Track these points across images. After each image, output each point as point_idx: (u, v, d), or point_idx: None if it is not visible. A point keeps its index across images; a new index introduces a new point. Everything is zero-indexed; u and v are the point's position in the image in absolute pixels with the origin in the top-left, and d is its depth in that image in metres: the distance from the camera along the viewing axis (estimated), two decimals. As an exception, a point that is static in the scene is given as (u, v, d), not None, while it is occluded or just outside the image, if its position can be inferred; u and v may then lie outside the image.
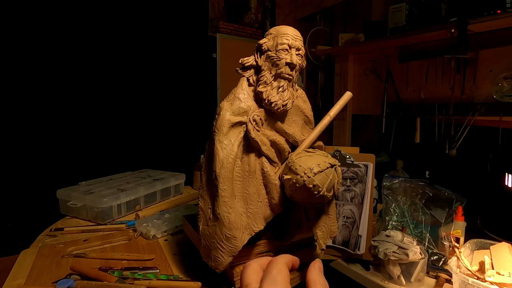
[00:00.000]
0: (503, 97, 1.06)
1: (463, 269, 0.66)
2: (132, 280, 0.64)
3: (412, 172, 1.39)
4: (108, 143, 1.39)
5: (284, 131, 0.65)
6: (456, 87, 1.17)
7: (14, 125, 1.16)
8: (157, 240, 0.87)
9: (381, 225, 0.90)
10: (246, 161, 0.61)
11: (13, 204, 1.16)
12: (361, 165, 0.84)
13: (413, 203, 0.88)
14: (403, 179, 0.91)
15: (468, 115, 1.16)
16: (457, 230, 0.80)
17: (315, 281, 0.34)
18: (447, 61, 1.18)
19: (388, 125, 1.48)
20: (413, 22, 1.27)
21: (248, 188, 0.61)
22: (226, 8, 1.72)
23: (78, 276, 0.66)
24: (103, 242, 0.85)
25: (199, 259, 0.63)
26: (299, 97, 0.68)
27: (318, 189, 0.57)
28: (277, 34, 0.61)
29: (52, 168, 1.23)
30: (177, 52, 1.56)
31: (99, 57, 1.34)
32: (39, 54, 1.19)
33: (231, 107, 0.59)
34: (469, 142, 1.19)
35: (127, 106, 1.44)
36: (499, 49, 1.10)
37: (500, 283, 0.59)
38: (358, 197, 0.84)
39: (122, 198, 1.04)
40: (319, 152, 0.63)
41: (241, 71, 0.64)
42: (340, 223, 0.82)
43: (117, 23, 1.37)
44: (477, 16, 1.03)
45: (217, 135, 0.58)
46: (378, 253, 0.73)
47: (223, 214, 0.56)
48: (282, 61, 0.59)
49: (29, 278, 0.67)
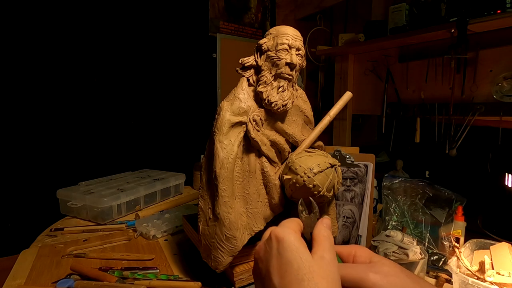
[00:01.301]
0: (503, 97, 1.06)
1: (463, 269, 0.66)
2: (132, 280, 0.64)
3: (412, 172, 1.39)
4: (108, 143, 1.39)
5: (284, 131, 0.65)
6: (456, 87, 1.17)
7: (14, 125, 1.16)
8: (157, 240, 0.87)
9: (381, 225, 0.90)
10: (246, 161, 0.61)
11: (13, 204, 1.16)
12: (361, 165, 0.84)
13: (413, 203, 0.88)
14: (403, 179, 0.91)
15: (468, 115, 1.16)
16: (457, 230, 0.80)
17: (319, 235, 0.36)
18: (447, 61, 1.18)
19: (388, 125, 1.48)
20: (413, 22, 1.27)
21: (248, 188, 0.61)
22: (226, 8, 1.72)
23: (78, 276, 0.66)
24: (103, 242, 0.85)
25: (199, 259, 0.63)
26: (299, 97, 0.68)
27: (318, 189, 0.57)
28: (277, 34, 0.61)
29: (52, 168, 1.23)
30: (177, 52, 1.56)
31: (99, 57, 1.34)
32: (39, 54, 1.19)
33: (231, 107, 0.59)
34: (469, 142, 1.19)
35: (127, 106, 1.44)
36: (499, 49, 1.10)
37: (500, 283, 0.59)
38: (358, 197, 0.84)
39: (122, 198, 1.04)
40: (319, 152, 0.63)
41: (241, 71, 0.64)
42: (340, 223, 0.82)
43: (117, 23, 1.37)
44: (477, 16, 1.03)
45: (217, 135, 0.58)
46: (378, 253, 0.73)
47: (223, 214, 0.56)
48: (282, 61, 0.59)
49: (29, 278, 0.67)
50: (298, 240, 0.34)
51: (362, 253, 0.38)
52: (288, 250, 0.33)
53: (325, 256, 0.34)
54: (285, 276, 0.32)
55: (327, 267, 0.33)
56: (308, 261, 0.32)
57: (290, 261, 0.33)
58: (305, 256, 0.33)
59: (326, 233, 0.36)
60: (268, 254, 0.35)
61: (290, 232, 0.35)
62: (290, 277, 0.32)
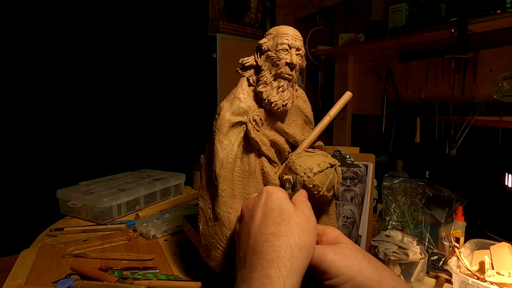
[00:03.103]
0: (503, 97, 1.06)
1: (463, 269, 0.66)
2: (132, 280, 0.64)
3: (412, 172, 1.39)
4: (108, 143, 1.39)
5: (284, 131, 0.65)
6: (456, 87, 1.17)
7: (14, 125, 1.16)
8: (157, 240, 0.87)
9: (381, 225, 0.90)
10: (246, 161, 0.61)
11: (13, 204, 1.16)
12: (361, 165, 0.84)
13: (413, 203, 0.88)
14: (403, 179, 0.91)
15: (468, 115, 1.16)
16: (457, 230, 0.80)
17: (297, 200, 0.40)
18: (447, 61, 1.18)
19: (388, 125, 1.48)
20: (413, 22, 1.27)
21: (248, 188, 0.61)
22: (226, 8, 1.72)
23: (78, 276, 0.66)
24: (103, 242, 0.85)
25: (199, 259, 0.63)
26: (299, 97, 0.68)
27: (318, 189, 0.57)
28: (277, 34, 0.61)
29: (52, 168, 1.23)
30: (177, 52, 1.56)
31: (99, 57, 1.34)
32: (39, 54, 1.19)
33: (231, 107, 0.59)
34: (469, 142, 1.19)
35: (127, 106, 1.44)
36: (499, 49, 1.10)
37: (500, 283, 0.59)
38: (358, 197, 0.84)
39: (122, 198, 1.04)
40: (319, 152, 0.63)
41: (241, 71, 0.64)
42: (340, 223, 0.82)
43: (117, 23, 1.37)
44: (477, 16, 1.03)
45: (217, 135, 0.58)
46: (378, 253, 0.73)
47: (223, 214, 0.56)
48: (282, 61, 0.59)
49: (29, 278, 0.67)
50: (285, 196, 0.39)
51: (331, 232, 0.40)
52: (274, 201, 0.37)
53: (304, 211, 0.38)
54: (265, 219, 0.36)
55: (305, 218, 0.36)
56: (289, 210, 0.36)
57: (273, 208, 0.37)
58: (288, 207, 0.37)
59: (303, 199, 0.40)
60: (255, 205, 0.39)
61: (279, 190, 0.39)
62: (270, 220, 0.35)
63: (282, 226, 0.34)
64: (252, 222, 0.37)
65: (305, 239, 0.34)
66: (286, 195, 0.39)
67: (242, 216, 0.41)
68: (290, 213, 0.36)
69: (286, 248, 0.32)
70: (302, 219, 0.36)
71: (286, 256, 0.31)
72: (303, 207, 0.38)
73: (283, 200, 0.37)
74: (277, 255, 0.32)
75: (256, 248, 0.34)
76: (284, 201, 0.37)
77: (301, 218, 0.36)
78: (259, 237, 0.34)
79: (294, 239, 0.33)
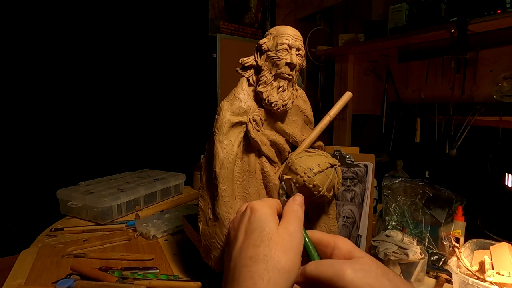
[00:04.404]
0: (503, 97, 1.06)
1: (463, 269, 0.66)
2: (132, 280, 0.64)
3: (412, 172, 1.39)
4: (108, 143, 1.39)
5: (284, 131, 0.65)
6: (456, 87, 1.17)
7: (14, 125, 1.16)
8: (157, 240, 0.87)
9: (381, 225, 0.90)
10: (246, 161, 0.61)
11: (13, 204, 1.16)
12: (361, 165, 0.84)
13: (413, 203, 0.88)
14: (403, 179, 0.91)
15: (468, 115, 1.16)
16: (457, 230, 0.80)
17: (287, 210, 0.38)
18: (447, 61, 1.18)
19: (388, 125, 1.48)
20: (413, 22, 1.27)
21: (248, 188, 0.61)
22: (226, 8, 1.72)
23: (78, 276, 0.66)
24: (103, 242, 0.85)
25: (199, 259, 0.63)
26: (299, 97, 0.68)
27: (318, 189, 0.57)
28: (277, 34, 0.61)
29: (52, 168, 1.23)
30: (177, 52, 1.56)
31: (99, 57, 1.34)
32: (39, 54, 1.19)
33: (231, 107, 0.59)
34: (469, 142, 1.19)
35: (127, 106, 1.44)
36: (499, 49, 1.10)
37: (500, 283, 0.59)
38: (358, 197, 0.84)
39: (122, 198, 1.04)
40: (319, 152, 0.63)
41: (241, 71, 0.64)
42: (340, 223, 0.82)
43: (117, 23, 1.37)
44: (477, 16, 1.03)
45: (217, 135, 0.58)
46: (378, 253, 0.73)
47: (223, 214, 0.56)
48: (282, 61, 0.59)
49: (29, 278, 0.67)
50: (269, 213, 0.36)
51: (343, 245, 0.36)
52: (257, 219, 0.35)
53: (288, 227, 0.35)
54: (246, 240, 0.34)
55: (287, 236, 0.34)
56: (270, 229, 0.34)
57: (255, 228, 0.35)
58: (269, 225, 0.35)
59: (294, 208, 0.38)
60: (240, 223, 0.37)
61: (264, 205, 0.37)
62: (250, 242, 0.34)
63: (261, 249, 0.32)
64: (234, 244, 0.35)
65: (285, 261, 0.32)
66: (270, 211, 0.37)
67: (229, 235, 0.39)
68: (270, 233, 0.34)
69: (263, 274, 0.30)
70: (284, 237, 0.33)
71: (263, 284, 0.30)
72: (288, 221, 0.36)
73: (266, 218, 0.35)
74: (253, 282, 0.30)
75: (234, 274, 0.32)
76: (266, 218, 0.35)
77: (283, 237, 0.33)
78: (238, 261, 0.33)
79: (272, 263, 0.31)
